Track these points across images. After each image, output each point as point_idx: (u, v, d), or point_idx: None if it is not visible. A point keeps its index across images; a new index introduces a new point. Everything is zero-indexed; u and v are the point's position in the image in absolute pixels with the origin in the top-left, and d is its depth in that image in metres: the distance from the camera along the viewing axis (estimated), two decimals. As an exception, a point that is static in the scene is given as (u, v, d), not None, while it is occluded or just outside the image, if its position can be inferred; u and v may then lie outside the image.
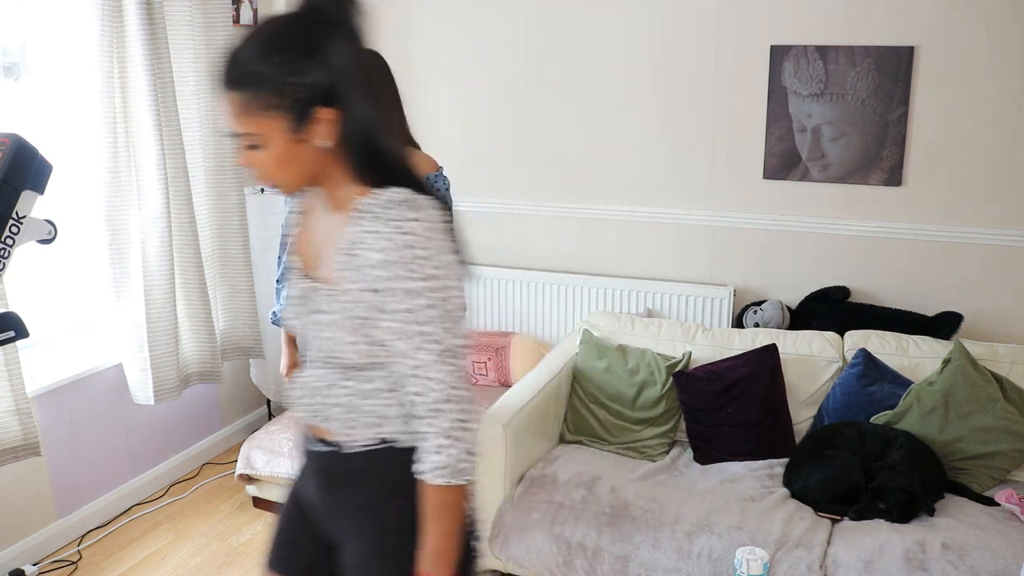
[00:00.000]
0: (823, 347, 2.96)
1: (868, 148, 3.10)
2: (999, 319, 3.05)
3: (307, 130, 1.25)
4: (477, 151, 3.72)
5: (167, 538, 3.17)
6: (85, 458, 3.19)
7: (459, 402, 1.27)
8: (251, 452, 3.17)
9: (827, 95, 3.10)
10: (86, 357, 3.22)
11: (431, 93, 3.75)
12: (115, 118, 3.00)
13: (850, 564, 2.32)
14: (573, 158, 3.55)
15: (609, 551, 2.49)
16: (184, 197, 3.24)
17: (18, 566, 2.91)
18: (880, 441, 2.65)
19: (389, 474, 1.37)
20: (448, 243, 1.27)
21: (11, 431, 2.71)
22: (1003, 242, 3.00)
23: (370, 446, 1.37)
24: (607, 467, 2.84)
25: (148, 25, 3.00)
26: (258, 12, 3.75)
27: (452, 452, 1.27)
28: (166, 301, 3.20)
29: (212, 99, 3.35)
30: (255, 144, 1.26)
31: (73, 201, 3.14)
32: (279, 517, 1.59)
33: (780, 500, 2.60)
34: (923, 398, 2.73)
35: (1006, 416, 2.65)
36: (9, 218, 1.89)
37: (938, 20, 2.94)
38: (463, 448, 1.28)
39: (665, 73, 3.28)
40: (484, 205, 3.75)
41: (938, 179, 3.05)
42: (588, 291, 3.55)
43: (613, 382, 3.05)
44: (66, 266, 3.21)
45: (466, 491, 1.33)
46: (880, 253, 3.17)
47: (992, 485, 2.67)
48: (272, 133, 1.24)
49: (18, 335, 2.04)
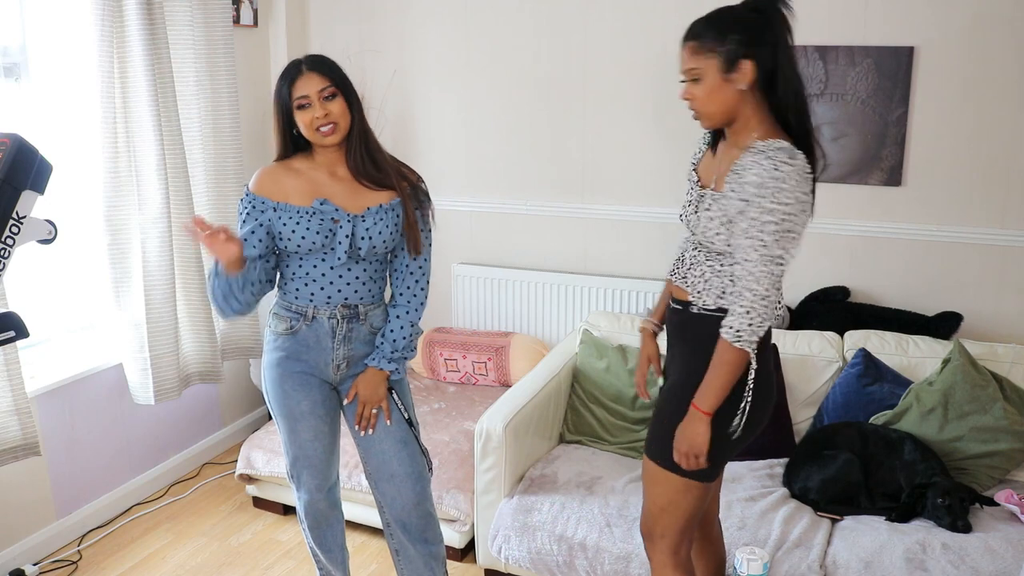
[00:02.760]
0: (823, 347, 2.96)
1: (868, 148, 3.10)
2: (999, 319, 3.05)
3: (732, 74, 1.75)
4: (478, 151, 3.73)
5: (167, 538, 3.17)
6: (85, 458, 3.19)
7: (762, 294, 1.73)
8: (251, 452, 3.17)
9: (827, 95, 3.10)
10: (86, 357, 3.22)
11: (432, 93, 3.75)
12: (115, 118, 3.00)
13: (850, 564, 2.32)
14: (573, 158, 3.55)
15: (610, 551, 2.49)
16: (184, 197, 3.24)
17: (18, 566, 2.91)
18: (881, 441, 2.65)
19: (713, 333, 1.80)
20: (805, 188, 1.72)
21: (11, 431, 2.71)
22: (1003, 242, 3.00)
23: (707, 310, 1.86)
24: (607, 467, 2.84)
25: (148, 25, 3.00)
26: (258, 12, 3.75)
27: (743, 323, 1.74)
28: (166, 301, 3.20)
29: (212, 99, 3.36)
30: (696, 77, 1.79)
31: (73, 201, 3.14)
32: None
33: (780, 500, 2.61)
34: (923, 398, 2.73)
35: (1006, 416, 2.65)
36: (9, 218, 1.89)
37: (938, 20, 2.94)
38: (753, 326, 1.74)
39: (666, 73, 3.27)
40: (484, 205, 3.75)
41: (938, 179, 3.05)
42: (588, 291, 3.56)
43: (613, 382, 3.05)
44: (66, 266, 3.21)
45: (744, 359, 1.78)
46: (880, 253, 3.17)
47: (992, 485, 2.67)
48: (707, 70, 1.77)
49: (18, 335, 2.04)
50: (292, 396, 2.22)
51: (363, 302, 2.18)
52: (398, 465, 2.24)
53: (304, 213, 2.09)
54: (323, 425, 2.27)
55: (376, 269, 2.19)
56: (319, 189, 2.12)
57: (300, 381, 2.21)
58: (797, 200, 1.70)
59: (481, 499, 2.75)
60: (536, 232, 3.68)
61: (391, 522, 2.33)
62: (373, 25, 3.79)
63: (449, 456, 2.98)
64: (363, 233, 2.10)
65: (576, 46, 3.45)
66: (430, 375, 3.71)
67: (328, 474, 2.34)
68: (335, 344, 2.18)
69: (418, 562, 2.34)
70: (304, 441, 2.27)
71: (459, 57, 3.67)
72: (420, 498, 2.28)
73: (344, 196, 2.12)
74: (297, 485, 2.35)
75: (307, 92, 2.05)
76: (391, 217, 2.13)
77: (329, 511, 2.39)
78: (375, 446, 2.25)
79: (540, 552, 2.58)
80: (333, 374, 2.22)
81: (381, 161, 2.15)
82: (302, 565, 2.95)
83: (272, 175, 2.15)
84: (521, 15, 3.52)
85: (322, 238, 2.08)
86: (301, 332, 2.17)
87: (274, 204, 2.10)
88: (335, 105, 2.06)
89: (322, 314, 2.15)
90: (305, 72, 2.06)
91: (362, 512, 3.00)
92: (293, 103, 2.07)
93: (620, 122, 3.43)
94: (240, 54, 3.58)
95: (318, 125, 2.06)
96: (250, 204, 2.13)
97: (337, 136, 2.08)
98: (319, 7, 3.88)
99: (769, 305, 1.74)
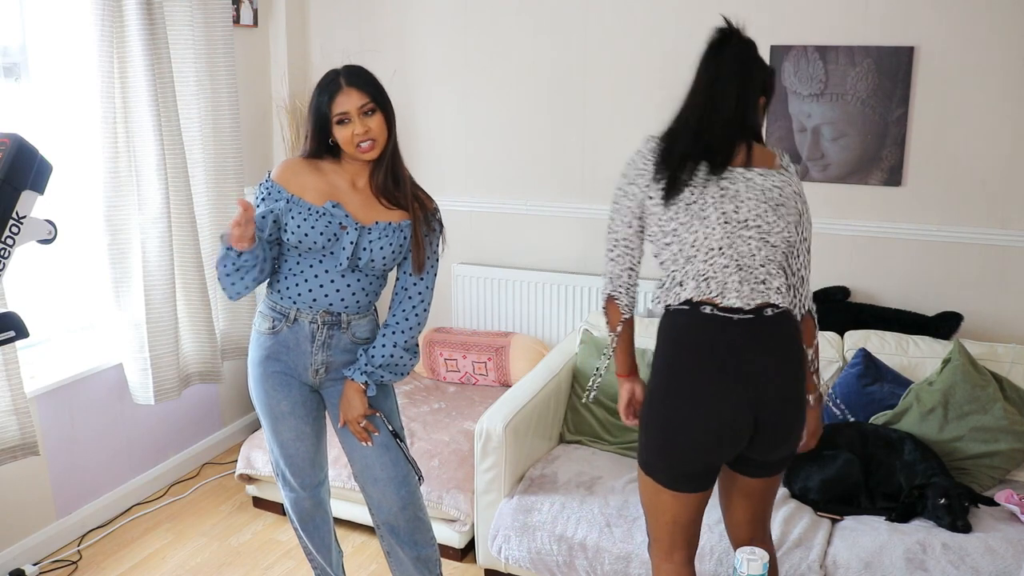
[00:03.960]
0: (823, 347, 2.96)
1: (868, 148, 3.10)
2: (999, 319, 3.05)
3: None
4: (478, 151, 3.73)
5: (167, 538, 3.17)
6: (85, 458, 3.19)
7: (606, 256, 1.98)
8: (251, 452, 3.17)
9: (827, 95, 3.10)
10: (86, 357, 3.22)
11: (433, 94, 3.75)
12: (115, 118, 3.00)
13: (850, 564, 2.32)
14: (573, 158, 3.55)
15: (610, 551, 2.49)
16: (184, 197, 3.24)
17: (18, 566, 2.91)
18: (881, 441, 2.65)
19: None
20: (639, 164, 1.92)
21: (10, 431, 2.71)
22: (1003, 242, 3.00)
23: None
24: (607, 467, 2.84)
25: (148, 25, 3.00)
26: (258, 12, 3.75)
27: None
28: (166, 301, 3.20)
29: (212, 99, 3.36)
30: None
31: (73, 201, 3.14)
32: None
33: (780, 500, 2.60)
34: (923, 398, 2.73)
35: (1006, 416, 2.65)
36: (9, 218, 1.89)
37: (938, 20, 2.94)
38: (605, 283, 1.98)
39: (666, 73, 3.28)
40: (484, 205, 3.75)
41: (938, 179, 3.05)
42: (588, 291, 3.56)
43: (613, 382, 3.04)
44: (66, 266, 3.21)
45: (609, 309, 2.00)
46: (880, 253, 3.17)
47: (992, 485, 2.67)
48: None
49: (18, 335, 2.04)
50: (272, 396, 2.23)
51: (347, 311, 2.17)
52: (380, 469, 2.24)
53: (314, 211, 2.09)
54: (305, 426, 2.27)
55: (370, 283, 2.18)
56: (336, 193, 2.12)
57: (280, 381, 2.22)
58: (624, 174, 1.93)
59: (481, 499, 2.75)
60: (536, 232, 3.68)
61: (380, 524, 2.34)
62: (373, 25, 3.79)
63: (449, 456, 2.98)
64: (366, 245, 2.10)
65: (576, 45, 3.45)
66: (430, 375, 3.71)
67: (313, 474, 2.35)
68: (314, 349, 2.17)
69: (407, 565, 2.35)
70: (286, 441, 2.28)
71: (459, 57, 3.67)
72: (406, 502, 2.27)
73: (358, 206, 2.13)
74: (282, 483, 2.38)
75: (347, 108, 2.05)
76: (398, 237, 2.13)
77: (314, 510, 2.40)
78: (357, 450, 2.26)
79: (540, 552, 2.58)
80: (312, 378, 2.22)
81: (403, 182, 2.15)
82: (302, 565, 2.95)
83: (294, 168, 2.15)
84: (521, 15, 3.52)
85: (324, 239, 2.09)
86: (282, 333, 2.17)
87: (288, 195, 2.11)
88: (374, 121, 2.07)
89: (303, 317, 2.15)
90: (345, 87, 2.05)
91: (362, 512, 2.99)
92: (332, 118, 2.06)
93: (620, 122, 3.43)
94: (240, 54, 3.58)
95: (358, 141, 2.06)
96: (267, 190, 2.15)
97: (375, 152, 2.09)
98: (319, 7, 3.88)
99: (610, 272, 1.96)
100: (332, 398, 2.25)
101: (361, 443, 2.23)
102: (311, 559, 2.53)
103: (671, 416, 1.85)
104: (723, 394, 1.80)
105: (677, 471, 1.88)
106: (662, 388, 1.87)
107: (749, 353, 1.80)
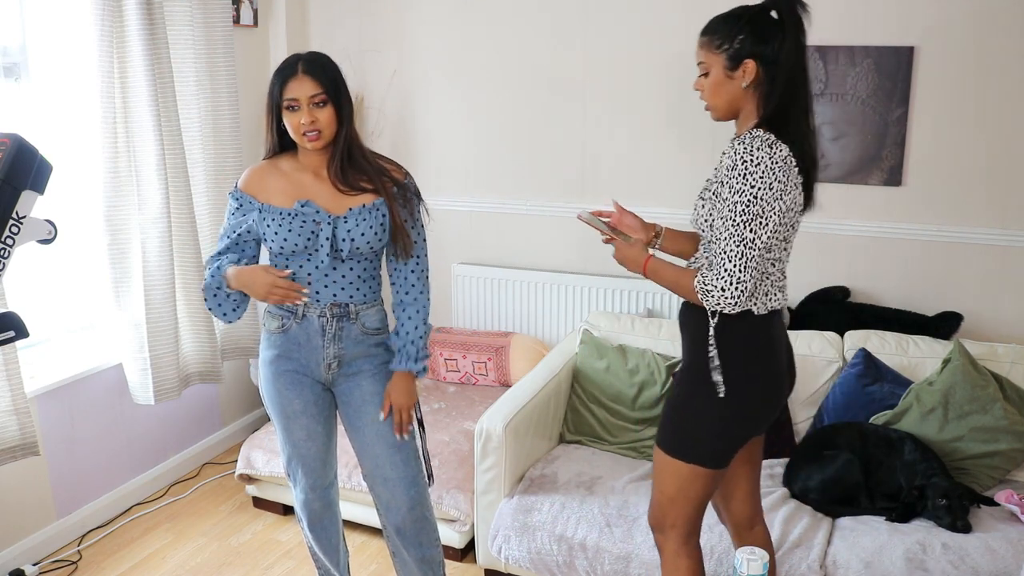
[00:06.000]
0: (823, 347, 2.96)
1: (868, 148, 3.10)
2: (999, 319, 3.05)
3: (735, 72, 1.83)
4: (477, 151, 3.73)
5: (167, 538, 3.17)
6: (85, 458, 3.19)
7: (729, 270, 1.78)
8: (251, 452, 3.17)
9: (827, 95, 3.10)
10: (86, 357, 3.22)
11: (432, 93, 3.75)
12: (115, 118, 3.00)
13: (850, 564, 2.32)
14: (573, 158, 3.55)
15: (610, 551, 2.49)
16: (184, 197, 3.24)
17: (18, 566, 2.91)
18: (881, 441, 2.65)
19: (701, 323, 1.93)
20: (781, 177, 1.77)
21: (9, 431, 2.71)
22: (1003, 242, 3.00)
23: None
24: (607, 467, 2.84)
25: (148, 25, 3.00)
26: (258, 12, 3.75)
27: (708, 282, 1.80)
28: (166, 301, 3.20)
29: (212, 99, 3.36)
30: (704, 72, 1.88)
31: (73, 201, 3.14)
32: None
33: (780, 500, 2.61)
34: (923, 398, 2.73)
35: (1006, 416, 2.65)
36: (9, 218, 1.89)
37: (938, 20, 2.94)
38: (712, 293, 1.80)
39: (666, 73, 3.28)
40: (484, 205, 3.75)
41: (938, 179, 3.05)
42: (588, 291, 3.56)
43: (613, 382, 3.05)
44: (66, 266, 3.21)
45: (686, 291, 1.89)
46: (880, 253, 3.17)
47: (992, 485, 2.67)
48: (714, 66, 1.85)
49: (18, 335, 2.04)
50: (284, 395, 2.22)
51: (354, 301, 2.17)
52: (391, 468, 2.24)
53: (286, 215, 2.09)
54: (316, 425, 2.27)
55: (365, 268, 2.17)
56: (302, 191, 2.12)
57: (292, 380, 2.21)
58: (768, 186, 1.75)
59: (481, 499, 2.75)
60: (536, 232, 3.68)
61: (387, 525, 2.33)
62: (373, 25, 3.79)
63: (449, 456, 2.98)
64: (344, 235, 2.09)
65: (576, 45, 3.45)
66: (430, 375, 3.71)
67: (323, 473, 2.34)
68: (325, 343, 2.17)
69: (412, 566, 2.35)
70: (298, 440, 2.27)
71: (459, 57, 3.67)
72: (414, 502, 2.27)
73: (327, 197, 2.11)
74: (293, 483, 2.37)
75: (297, 96, 2.03)
76: (375, 217, 2.11)
77: (323, 511, 2.40)
78: (368, 449, 2.26)
79: (540, 552, 2.58)
80: (325, 373, 2.21)
81: (364, 167, 2.12)
82: (302, 565, 2.95)
83: (259, 175, 2.15)
84: (521, 15, 3.52)
85: (304, 240, 2.08)
86: (292, 330, 2.17)
87: (259, 205, 2.12)
88: (323, 113, 2.04)
89: (312, 312, 2.15)
90: (299, 74, 2.03)
91: (362, 512, 3.00)
92: (283, 103, 2.05)
93: (620, 122, 3.43)
94: (240, 54, 3.58)
95: (304, 131, 2.05)
96: (238, 200, 2.15)
97: (320, 143, 2.07)
98: (319, 7, 3.88)
99: (739, 285, 1.77)
100: (344, 395, 2.25)
101: (370, 443, 2.23)
102: (316, 560, 2.52)
103: (775, 371, 1.96)
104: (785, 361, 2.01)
105: (772, 414, 1.99)
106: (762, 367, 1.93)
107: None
